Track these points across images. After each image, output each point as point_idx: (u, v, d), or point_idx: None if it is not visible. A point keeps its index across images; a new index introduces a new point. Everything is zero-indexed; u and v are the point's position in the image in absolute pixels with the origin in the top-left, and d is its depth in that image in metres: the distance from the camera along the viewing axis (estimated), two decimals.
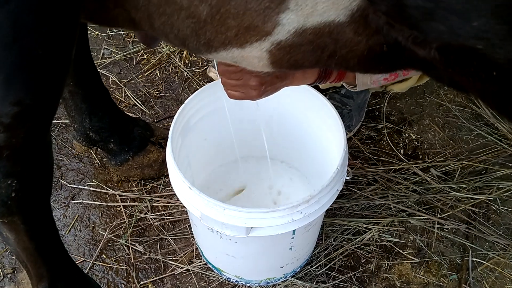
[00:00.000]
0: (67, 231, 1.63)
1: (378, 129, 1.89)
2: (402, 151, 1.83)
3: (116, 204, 1.68)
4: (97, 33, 2.18)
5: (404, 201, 1.67)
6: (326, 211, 1.27)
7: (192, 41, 0.80)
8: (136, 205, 1.67)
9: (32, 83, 0.76)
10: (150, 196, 1.69)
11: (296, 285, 1.50)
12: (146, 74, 2.06)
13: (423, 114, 1.95)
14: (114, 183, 1.73)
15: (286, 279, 1.50)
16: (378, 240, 1.60)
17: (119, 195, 1.69)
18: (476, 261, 1.56)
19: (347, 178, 1.26)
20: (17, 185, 0.92)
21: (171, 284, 1.52)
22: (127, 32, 2.18)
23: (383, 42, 0.72)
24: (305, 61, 0.81)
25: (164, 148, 1.69)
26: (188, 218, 1.61)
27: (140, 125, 1.69)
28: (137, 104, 1.95)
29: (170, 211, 1.66)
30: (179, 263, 1.55)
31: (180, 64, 2.09)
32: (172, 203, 1.67)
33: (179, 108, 1.33)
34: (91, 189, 1.72)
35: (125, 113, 1.70)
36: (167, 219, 1.65)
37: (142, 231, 1.63)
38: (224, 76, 1.12)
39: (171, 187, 1.65)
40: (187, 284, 1.52)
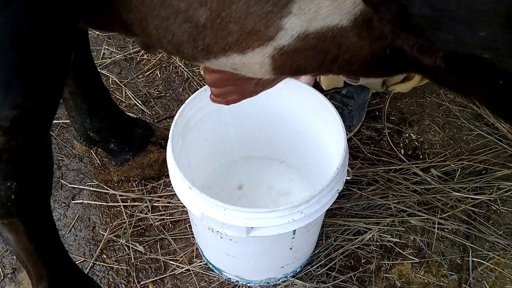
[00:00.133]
0: (68, 231, 1.63)
1: (378, 129, 1.89)
2: (402, 151, 1.83)
3: (116, 204, 1.68)
4: (98, 33, 2.18)
5: (405, 201, 1.67)
6: (327, 211, 1.27)
7: (188, 47, 0.77)
8: (137, 205, 1.68)
9: (30, 87, 0.76)
10: (150, 196, 1.69)
11: (296, 285, 1.50)
12: (146, 74, 2.07)
13: (424, 114, 1.95)
14: (115, 183, 1.73)
15: (286, 279, 1.50)
16: (379, 240, 1.60)
17: (120, 195, 1.69)
18: (476, 261, 1.56)
19: (348, 178, 1.26)
20: (17, 187, 0.92)
21: (171, 284, 1.52)
22: None
23: (386, 46, 0.72)
24: (308, 66, 0.79)
25: (164, 148, 1.69)
26: (189, 218, 1.61)
27: (141, 125, 1.69)
28: (137, 104, 1.95)
29: (170, 211, 1.66)
30: (179, 263, 1.55)
31: (180, 64, 2.09)
32: (172, 203, 1.68)
33: (179, 108, 1.33)
34: (91, 189, 1.72)
35: (126, 113, 1.70)
36: (167, 219, 1.65)
37: (143, 231, 1.63)
38: (217, 86, 1.02)
39: (171, 187, 1.65)
40: (187, 284, 1.52)
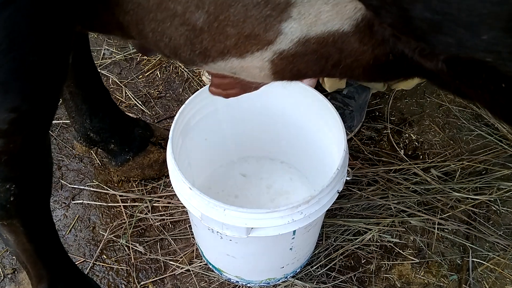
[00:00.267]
0: (68, 232, 1.63)
1: (379, 129, 1.89)
2: (402, 152, 1.83)
3: (116, 205, 1.68)
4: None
5: (405, 201, 1.67)
6: (327, 211, 1.27)
7: (186, 50, 0.76)
8: (137, 205, 1.68)
9: (28, 90, 0.76)
10: (150, 197, 1.69)
11: (296, 285, 1.50)
12: (146, 74, 2.07)
13: (424, 115, 1.95)
14: (115, 184, 1.73)
15: (286, 279, 1.50)
16: (379, 240, 1.60)
17: (120, 196, 1.69)
18: (476, 261, 1.56)
19: (348, 178, 1.26)
20: (16, 189, 0.92)
21: (171, 284, 1.52)
22: None
23: (389, 51, 0.71)
24: (309, 70, 0.78)
25: (164, 148, 1.69)
26: (189, 219, 1.61)
27: (141, 126, 1.69)
28: (137, 104, 1.95)
29: (170, 211, 1.66)
30: (179, 263, 1.55)
31: (180, 64, 2.09)
32: (172, 203, 1.68)
33: (179, 108, 1.33)
34: (91, 189, 1.72)
35: (126, 113, 1.70)
36: (167, 219, 1.65)
37: (143, 231, 1.63)
38: (216, 77, 1.04)
39: (171, 188, 1.65)
40: (187, 284, 1.52)
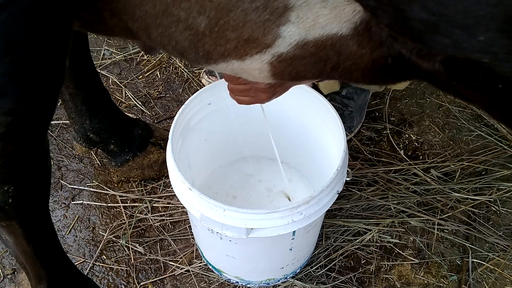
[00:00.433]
0: (68, 232, 1.63)
1: (378, 130, 1.89)
2: (402, 152, 1.83)
3: (116, 205, 1.68)
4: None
5: (404, 202, 1.67)
6: (326, 212, 1.27)
7: (191, 52, 0.78)
8: (136, 205, 1.68)
9: (24, 93, 0.76)
10: (150, 197, 1.69)
11: (296, 286, 1.50)
12: (146, 74, 2.07)
13: (423, 115, 1.95)
14: (114, 184, 1.73)
15: (286, 280, 1.50)
16: (378, 241, 1.60)
17: (119, 196, 1.69)
18: (476, 262, 1.56)
19: (347, 179, 1.26)
20: (14, 191, 0.92)
21: (171, 285, 1.52)
22: None
23: (387, 54, 0.71)
24: (308, 73, 0.79)
25: (164, 149, 1.69)
26: (188, 219, 1.61)
27: (140, 126, 1.69)
28: (137, 104, 1.95)
29: (170, 212, 1.66)
30: (179, 264, 1.55)
31: (180, 65, 2.09)
32: (172, 204, 1.68)
33: (179, 108, 1.33)
34: (91, 189, 1.72)
35: (125, 114, 1.70)
36: (167, 219, 1.65)
37: (142, 231, 1.63)
38: (232, 82, 1.07)
39: (171, 188, 1.65)
40: (187, 285, 1.52)
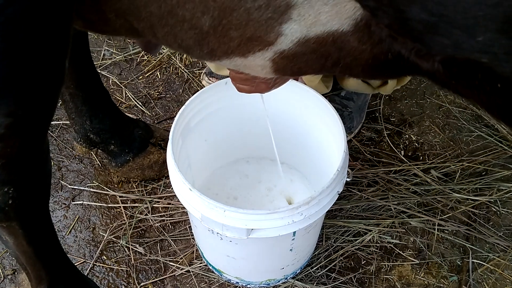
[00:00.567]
0: (68, 232, 1.63)
1: (378, 130, 1.89)
2: (402, 153, 1.83)
3: (116, 205, 1.68)
4: (97, 34, 2.18)
5: (405, 202, 1.67)
6: (327, 212, 1.27)
7: (196, 50, 0.80)
8: (137, 206, 1.68)
9: (23, 95, 0.76)
10: (150, 197, 1.69)
11: (296, 286, 1.50)
12: (146, 75, 2.07)
13: (423, 116, 1.95)
14: (115, 184, 1.73)
15: (286, 280, 1.50)
16: (379, 241, 1.60)
17: (120, 196, 1.69)
18: (476, 262, 1.56)
19: (348, 179, 1.26)
20: (14, 192, 0.92)
21: (171, 285, 1.52)
22: None
23: (388, 50, 0.72)
24: (309, 68, 0.80)
25: (164, 149, 1.69)
26: (189, 219, 1.61)
27: (140, 127, 1.69)
28: (137, 105, 1.95)
29: (170, 212, 1.66)
30: (179, 264, 1.55)
31: (180, 65, 2.09)
32: (172, 204, 1.68)
33: (179, 109, 1.33)
34: (91, 190, 1.72)
35: (126, 114, 1.70)
36: (167, 220, 1.65)
37: (143, 232, 1.63)
38: (233, 71, 1.09)
39: (171, 188, 1.65)
40: (187, 285, 1.52)
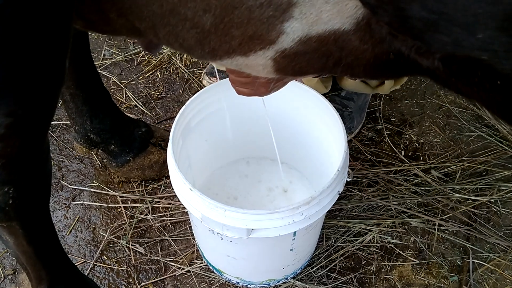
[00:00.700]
0: (68, 232, 1.63)
1: (379, 130, 1.89)
2: (402, 153, 1.83)
3: (116, 205, 1.68)
4: (98, 34, 2.18)
5: (405, 202, 1.67)
6: (327, 212, 1.27)
7: (197, 50, 0.80)
8: (137, 206, 1.68)
9: (23, 95, 0.76)
10: (150, 197, 1.69)
11: (296, 286, 1.50)
12: (147, 75, 2.07)
13: (424, 116, 1.95)
14: (115, 184, 1.73)
15: (286, 280, 1.50)
16: (379, 241, 1.60)
17: (120, 196, 1.69)
18: (476, 262, 1.56)
19: (348, 179, 1.26)
20: (14, 192, 0.92)
21: (171, 285, 1.52)
22: None
23: (389, 50, 0.72)
24: (310, 68, 0.80)
25: (164, 149, 1.69)
26: (189, 219, 1.61)
27: (141, 127, 1.69)
28: (137, 105, 1.95)
29: (170, 212, 1.66)
30: (179, 264, 1.55)
31: (181, 65, 2.09)
32: (172, 204, 1.67)
33: (180, 109, 1.33)
34: (92, 190, 1.72)
35: (126, 114, 1.70)
36: (167, 220, 1.65)
37: (143, 232, 1.63)
38: (234, 74, 1.10)
39: (171, 188, 1.65)
40: (187, 285, 1.52)
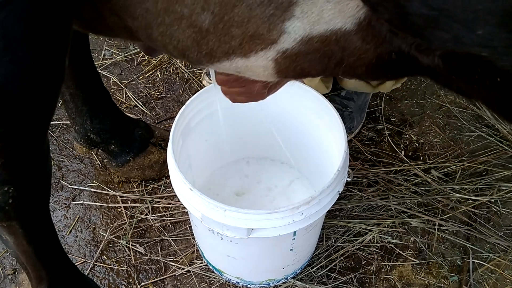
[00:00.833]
0: (68, 232, 1.63)
1: (379, 130, 1.89)
2: (403, 153, 1.83)
3: (116, 205, 1.68)
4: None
5: (405, 202, 1.67)
6: (327, 212, 1.27)
7: (193, 51, 0.78)
8: (137, 206, 1.68)
9: (24, 92, 0.75)
10: (150, 197, 1.69)
11: (296, 286, 1.50)
12: (147, 75, 2.07)
13: (424, 116, 1.95)
14: (115, 184, 1.73)
15: (286, 280, 1.50)
16: (379, 241, 1.60)
17: (120, 196, 1.69)
18: (476, 262, 1.56)
19: (348, 179, 1.26)
20: (14, 192, 0.92)
21: (171, 285, 1.52)
22: None
23: (392, 50, 0.71)
24: (312, 69, 0.79)
25: (164, 149, 1.69)
26: (189, 219, 1.61)
27: (141, 126, 1.69)
28: (138, 105, 1.95)
29: (170, 212, 1.66)
30: (179, 264, 1.55)
31: (181, 65, 2.09)
32: (172, 204, 1.67)
33: (180, 109, 1.33)
34: (92, 190, 1.72)
35: (126, 114, 1.70)
36: (167, 220, 1.65)
37: (143, 232, 1.63)
38: (225, 86, 1.06)
39: (171, 188, 1.65)
40: (187, 285, 1.52)
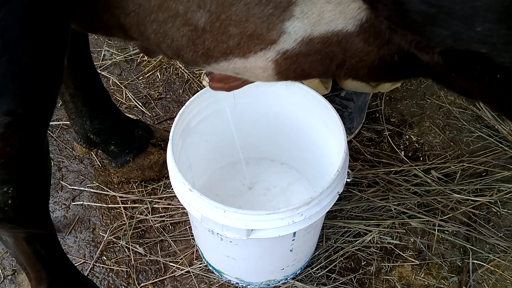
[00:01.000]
0: (68, 233, 1.63)
1: (379, 131, 1.89)
2: (402, 153, 1.83)
3: (116, 206, 1.68)
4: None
5: (405, 203, 1.67)
6: (327, 213, 1.27)
7: (188, 51, 0.76)
8: (137, 206, 1.67)
9: (23, 92, 0.75)
10: (150, 198, 1.69)
11: (296, 287, 1.50)
12: (146, 75, 2.07)
13: (424, 116, 1.95)
14: (115, 185, 1.73)
15: (286, 281, 1.50)
16: (379, 242, 1.60)
17: (120, 197, 1.69)
18: (476, 263, 1.56)
19: (348, 180, 1.26)
20: (14, 192, 0.92)
21: (171, 286, 1.52)
22: None
23: (394, 52, 0.71)
24: (313, 70, 0.78)
25: (164, 149, 1.69)
26: (189, 220, 1.61)
27: (141, 127, 1.69)
28: (137, 105, 1.95)
29: (170, 212, 1.66)
30: (179, 264, 1.55)
31: (181, 65, 2.09)
32: (172, 204, 1.67)
33: (179, 109, 1.33)
34: (91, 190, 1.72)
35: (126, 114, 1.70)
36: (167, 220, 1.65)
37: (143, 232, 1.63)
38: (223, 82, 1.02)
39: (171, 189, 1.64)
40: (187, 286, 1.52)
